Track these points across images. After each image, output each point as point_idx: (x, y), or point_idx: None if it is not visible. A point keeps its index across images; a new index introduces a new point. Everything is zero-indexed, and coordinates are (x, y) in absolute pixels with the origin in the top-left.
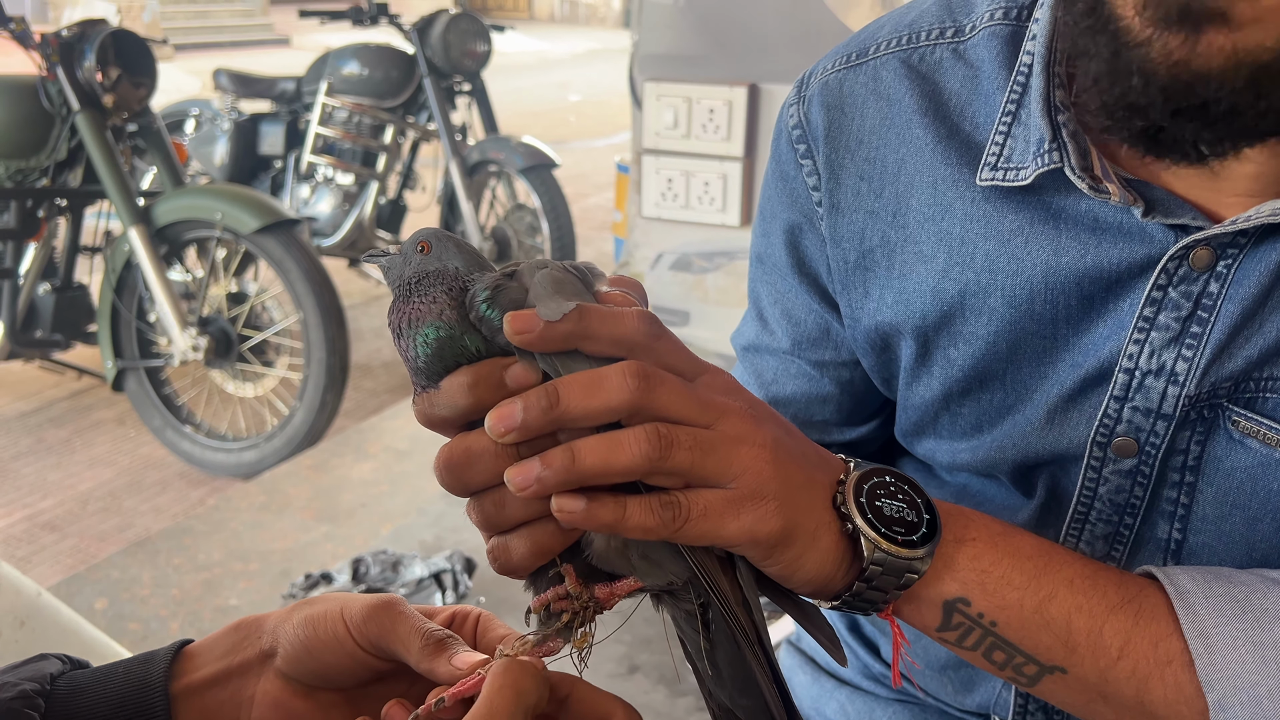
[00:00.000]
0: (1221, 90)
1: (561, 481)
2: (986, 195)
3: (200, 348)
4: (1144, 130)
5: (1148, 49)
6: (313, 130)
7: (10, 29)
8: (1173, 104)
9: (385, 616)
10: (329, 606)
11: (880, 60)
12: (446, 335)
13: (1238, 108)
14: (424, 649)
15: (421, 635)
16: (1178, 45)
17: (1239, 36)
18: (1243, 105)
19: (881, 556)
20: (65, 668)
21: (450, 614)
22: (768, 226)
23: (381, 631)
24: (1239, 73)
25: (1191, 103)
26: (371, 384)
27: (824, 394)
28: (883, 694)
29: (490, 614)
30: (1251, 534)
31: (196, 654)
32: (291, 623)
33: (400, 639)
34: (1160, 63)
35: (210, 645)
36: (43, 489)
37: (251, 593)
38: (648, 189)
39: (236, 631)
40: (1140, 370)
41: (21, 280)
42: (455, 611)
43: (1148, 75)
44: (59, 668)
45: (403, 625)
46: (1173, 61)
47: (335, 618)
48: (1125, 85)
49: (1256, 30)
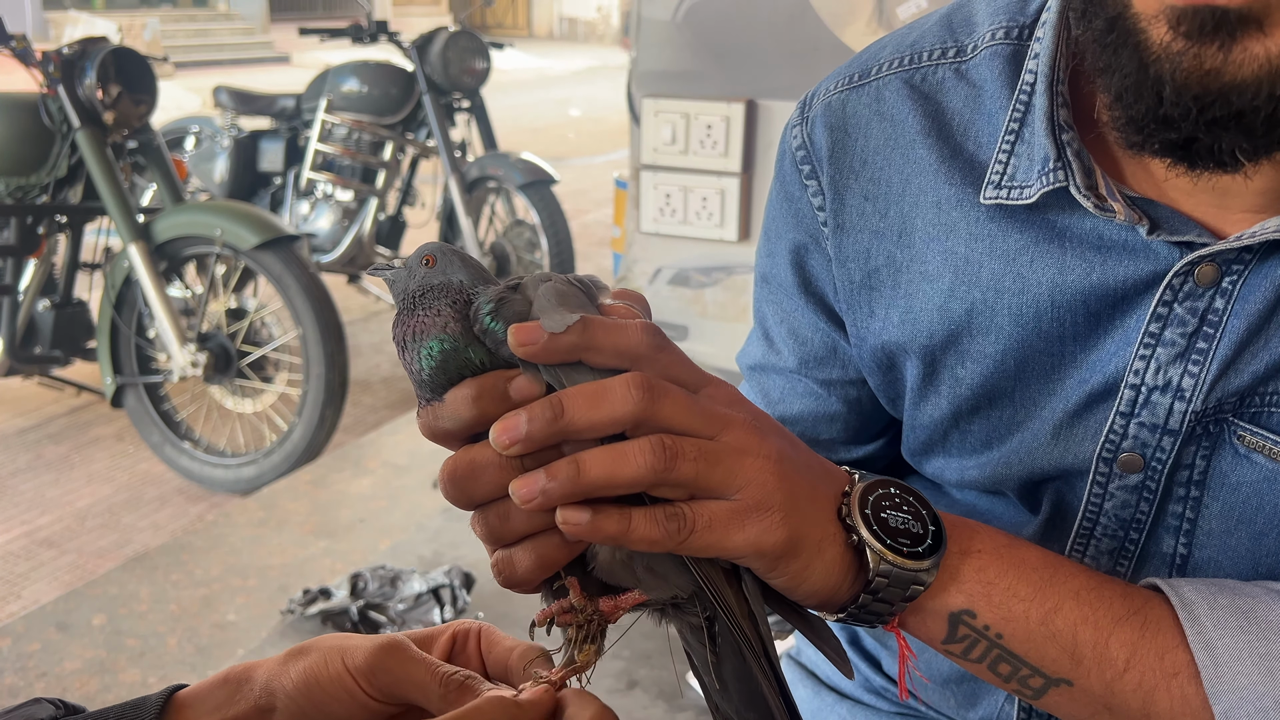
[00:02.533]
0: (1259, 98)
1: (566, 493)
2: (991, 214)
3: (199, 364)
4: (1176, 142)
5: (1179, 60)
6: (312, 147)
7: (11, 46)
8: (1208, 114)
9: (394, 663)
10: (326, 656)
11: (883, 81)
12: (451, 348)
13: (1276, 115)
14: (445, 695)
15: (440, 681)
16: (1211, 55)
17: (1273, 42)
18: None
19: (887, 568)
20: (58, 712)
21: (450, 635)
22: (773, 247)
23: (394, 681)
24: (1276, 79)
25: (1227, 112)
26: (370, 400)
27: (831, 412)
28: (884, 708)
29: (490, 626)
30: (1257, 548)
31: (187, 704)
32: (288, 677)
33: (416, 685)
34: (1193, 73)
35: (201, 697)
36: (41, 505)
37: (250, 608)
38: (646, 204)
39: (226, 684)
40: (1146, 386)
41: (21, 297)
42: (455, 631)
43: (1179, 87)
44: (51, 712)
45: (416, 671)
46: (1205, 71)
47: (338, 670)
48: (1155, 98)
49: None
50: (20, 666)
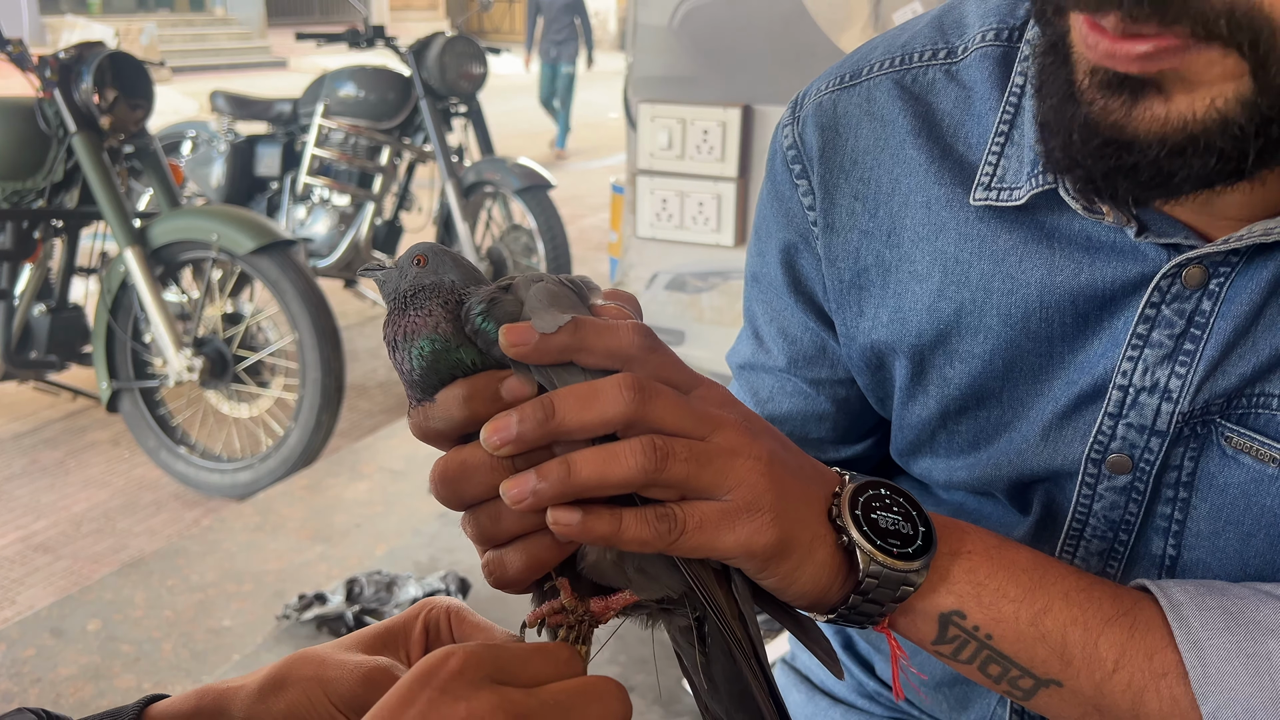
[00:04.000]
0: (1149, 154)
1: (557, 494)
2: (980, 215)
3: (195, 368)
4: (1081, 177)
5: (1090, 108)
6: (309, 152)
7: (8, 51)
8: (1106, 163)
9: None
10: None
11: (874, 81)
12: (442, 348)
13: (1163, 171)
14: None
15: None
16: (1117, 108)
17: (1172, 106)
18: (1168, 169)
19: (877, 569)
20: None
21: (422, 625)
22: (763, 246)
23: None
24: (1166, 139)
25: (1122, 164)
26: (367, 404)
27: (820, 412)
28: (877, 711)
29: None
30: (1245, 549)
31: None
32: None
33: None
34: (1100, 122)
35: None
36: (36, 510)
37: (245, 614)
38: (642, 209)
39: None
40: (1134, 387)
41: (17, 301)
42: (426, 620)
43: (1087, 133)
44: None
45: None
46: (1110, 122)
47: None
48: (1067, 137)
49: (1185, 101)
50: (15, 672)
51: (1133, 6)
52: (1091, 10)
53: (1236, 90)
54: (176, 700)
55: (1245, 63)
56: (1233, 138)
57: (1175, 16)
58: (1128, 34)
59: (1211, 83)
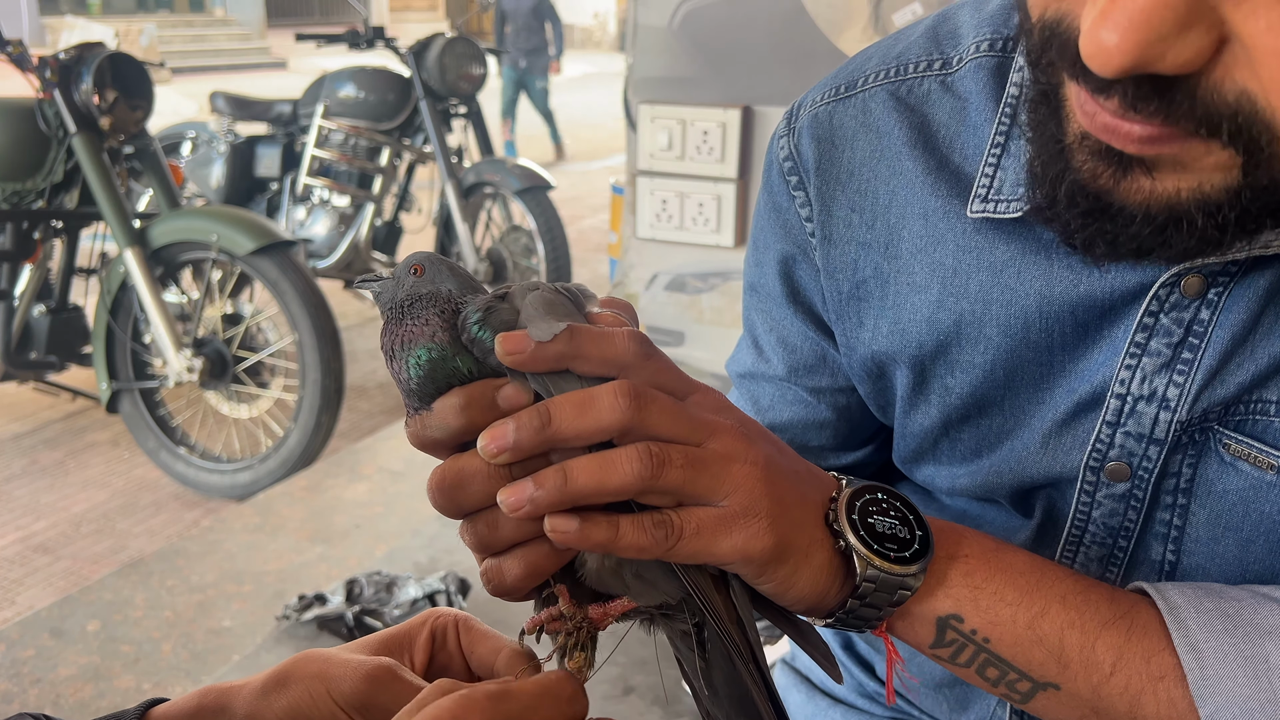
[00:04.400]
0: (1131, 226)
1: (554, 501)
2: (978, 226)
3: (195, 369)
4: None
5: (1080, 171)
6: (309, 152)
7: (8, 51)
8: (1089, 229)
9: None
10: (311, 690)
11: (869, 93)
12: (439, 357)
13: (1143, 247)
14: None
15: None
16: (1106, 176)
17: (1157, 184)
18: (1148, 245)
19: (874, 573)
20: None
21: (429, 631)
22: (761, 256)
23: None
24: (1151, 214)
25: (1104, 231)
26: (366, 405)
27: (820, 420)
28: (877, 712)
29: (468, 617)
30: (1244, 555)
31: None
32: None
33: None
34: (1088, 185)
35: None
36: (36, 511)
37: (245, 614)
38: (642, 210)
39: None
40: (1132, 396)
41: (17, 302)
42: (434, 627)
43: (1074, 193)
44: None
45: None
46: (1098, 186)
47: (329, 707)
48: (1053, 192)
49: (1172, 180)
50: (14, 673)
51: (1137, 96)
52: (1094, 90)
53: (1225, 180)
54: (179, 701)
55: (1239, 158)
56: (1210, 216)
57: (1180, 111)
58: (1128, 116)
59: (1202, 170)
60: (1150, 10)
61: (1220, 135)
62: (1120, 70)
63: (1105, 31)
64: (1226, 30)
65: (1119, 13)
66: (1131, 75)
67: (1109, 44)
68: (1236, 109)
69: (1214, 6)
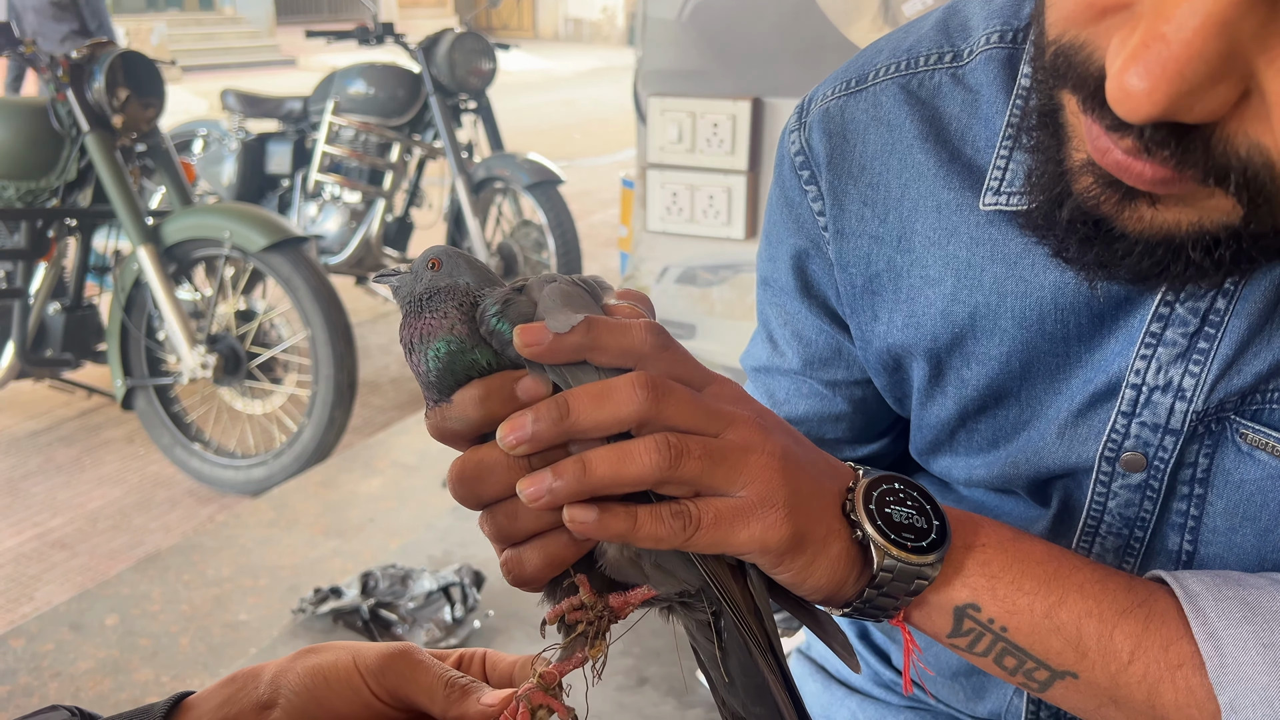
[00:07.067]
0: (1130, 255)
1: (573, 492)
2: (991, 219)
3: (209, 365)
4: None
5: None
6: (320, 149)
7: (21, 51)
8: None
9: (403, 665)
10: (338, 655)
11: (880, 86)
12: (457, 349)
13: (1139, 273)
14: (449, 696)
15: (445, 683)
16: (1109, 204)
17: (1158, 214)
18: (1145, 270)
19: (891, 563)
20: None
21: (457, 656)
22: (774, 251)
23: (401, 681)
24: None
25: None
26: (379, 400)
27: (836, 412)
28: (894, 701)
29: (495, 652)
30: (1263, 545)
31: (193, 706)
32: (295, 673)
33: (422, 688)
34: (1089, 210)
35: (206, 698)
36: (53, 507)
37: (261, 608)
38: (653, 203)
39: (232, 683)
40: (1148, 386)
41: (32, 300)
42: (461, 655)
43: (1075, 213)
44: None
45: (424, 674)
46: (1100, 213)
47: (348, 668)
48: (1052, 209)
49: (1173, 214)
50: (34, 667)
51: (1154, 140)
52: (1109, 128)
53: (1225, 219)
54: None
55: (1242, 207)
56: (1206, 251)
57: (1192, 159)
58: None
59: (1205, 210)
60: (1185, 61)
61: (1227, 185)
62: (1148, 119)
63: (1136, 78)
64: (1250, 83)
65: (1153, 59)
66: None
67: (1138, 91)
68: (1247, 162)
69: (1246, 60)
